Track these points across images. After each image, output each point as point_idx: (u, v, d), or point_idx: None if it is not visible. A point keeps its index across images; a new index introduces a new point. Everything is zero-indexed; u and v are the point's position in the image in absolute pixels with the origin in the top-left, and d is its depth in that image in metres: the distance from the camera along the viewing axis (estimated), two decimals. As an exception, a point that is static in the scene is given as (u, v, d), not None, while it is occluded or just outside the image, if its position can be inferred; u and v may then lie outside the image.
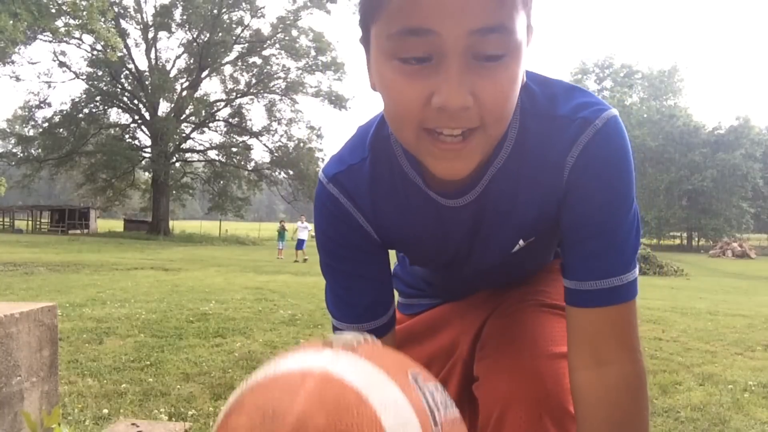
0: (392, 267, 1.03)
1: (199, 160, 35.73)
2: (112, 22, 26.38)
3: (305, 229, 17.49)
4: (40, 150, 31.83)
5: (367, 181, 0.78)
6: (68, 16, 18.31)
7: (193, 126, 33.72)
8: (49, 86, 32.52)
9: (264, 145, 34.61)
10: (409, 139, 0.64)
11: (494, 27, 0.56)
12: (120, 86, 31.88)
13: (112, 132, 33.57)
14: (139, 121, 32.99)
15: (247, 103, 34.79)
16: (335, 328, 0.87)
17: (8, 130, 34.13)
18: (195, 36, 31.60)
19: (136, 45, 32.25)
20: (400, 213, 0.79)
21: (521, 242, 0.81)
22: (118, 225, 39.67)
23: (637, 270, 0.74)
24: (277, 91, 33.90)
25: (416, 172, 0.75)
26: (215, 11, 30.67)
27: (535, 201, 0.75)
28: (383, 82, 0.63)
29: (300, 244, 17.24)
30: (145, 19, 31.70)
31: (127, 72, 31.56)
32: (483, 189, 0.74)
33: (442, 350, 1.02)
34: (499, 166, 0.73)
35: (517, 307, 0.95)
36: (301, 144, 33.86)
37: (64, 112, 31.83)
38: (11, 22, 14.91)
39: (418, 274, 1.07)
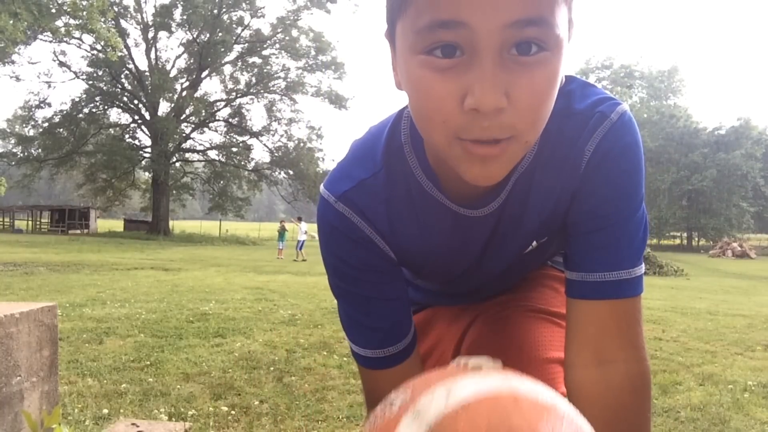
0: None
1: (199, 160, 35.72)
2: (112, 22, 26.41)
3: (304, 232, 17.94)
4: (40, 150, 31.82)
5: (381, 197, 0.73)
6: (68, 16, 18.31)
7: (193, 126, 33.72)
8: (49, 86, 32.49)
9: (264, 145, 34.64)
10: (440, 144, 0.59)
11: (532, 19, 0.51)
12: (120, 86, 31.87)
13: (112, 132, 33.56)
14: (139, 121, 32.99)
15: (247, 103, 34.82)
16: (355, 354, 0.82)
17: (8, 130, 34.08)
18: (195, 36, 31.58)
19: (136, 45, 32.32)
20: (418, 228, 0.75)
21: (534, 243, 0.78)
22: (118, 225, 39.67)
23: (643, 267, 0.73)
24: (277, 91, 33.89)
25: (433, 183, 0.71)
26: (215, 11, 30.67)
27: (552, 199, 0.73)
28: (411, 80, 0.57)
29: (300, 244, 17.72)
30: (145, 19, 31.71)
31: (127, 72, 31.55)
32: (507, 196, 0.71)
33: (426, 356, 0.99)
34: (522, 170, 0.70)
35: (503, 313, 0.92)
36: (301, 144, 33.87)
37: (64, 112, 31.82)
38: (11, 22, 14.91)
39: (414, 285, 1.03)
